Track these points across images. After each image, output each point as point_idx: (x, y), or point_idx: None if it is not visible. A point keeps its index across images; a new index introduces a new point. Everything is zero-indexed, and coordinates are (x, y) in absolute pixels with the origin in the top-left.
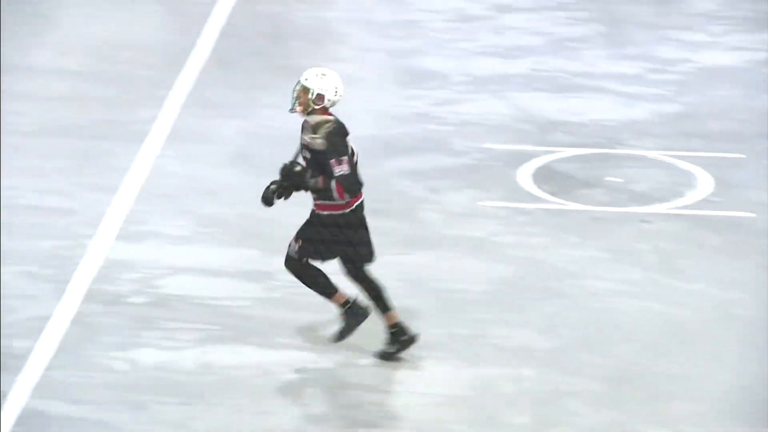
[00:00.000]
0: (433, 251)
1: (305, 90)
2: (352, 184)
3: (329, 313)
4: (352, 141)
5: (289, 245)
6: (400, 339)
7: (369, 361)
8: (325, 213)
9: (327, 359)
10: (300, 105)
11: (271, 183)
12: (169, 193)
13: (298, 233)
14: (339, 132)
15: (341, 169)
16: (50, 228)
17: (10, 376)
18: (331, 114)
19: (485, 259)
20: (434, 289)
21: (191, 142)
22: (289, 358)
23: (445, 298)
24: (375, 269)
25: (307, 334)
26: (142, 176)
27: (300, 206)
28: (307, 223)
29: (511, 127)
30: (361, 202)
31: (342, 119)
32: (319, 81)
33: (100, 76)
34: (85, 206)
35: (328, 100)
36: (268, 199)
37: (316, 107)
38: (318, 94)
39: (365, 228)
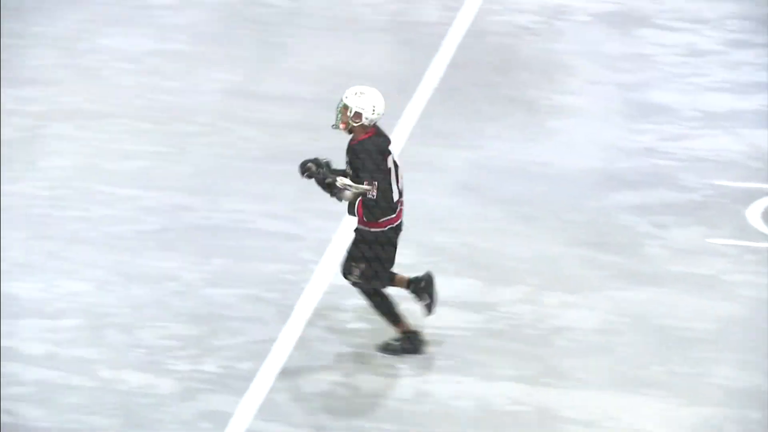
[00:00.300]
0: (657, 287)
1: (345, 107)
2: (374, 210)
3: (550, 347)
4: (394, 156)
5: (349, 271)
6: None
7: (587, 395)
8: (367, 229)
9: (545, 392)
10: (342, 122)
11: (315, 164)
12: None
13: (354, 257)
14: (377, 150)
15: (370, 194)
16: (277, 252)
17: (235, 398)
18: (373, 131)
19: (712, 297)
20: (657, 325)
21: (417, 171)
22: (508, 390)
23: (668, 335)
24: (596, 303)
25: (527, 366)
26: None
27: (515, 237)
28: (359, 244)
29: (743, 164)
30: (400, 224)
31: (566, 150)
32: (357, 99)
33: (329, 104)
34: (310, 232)
35: (366, 118)
36: (303, 174)
37: (355, 124)
38: (356, 112)
39: (394, 247)
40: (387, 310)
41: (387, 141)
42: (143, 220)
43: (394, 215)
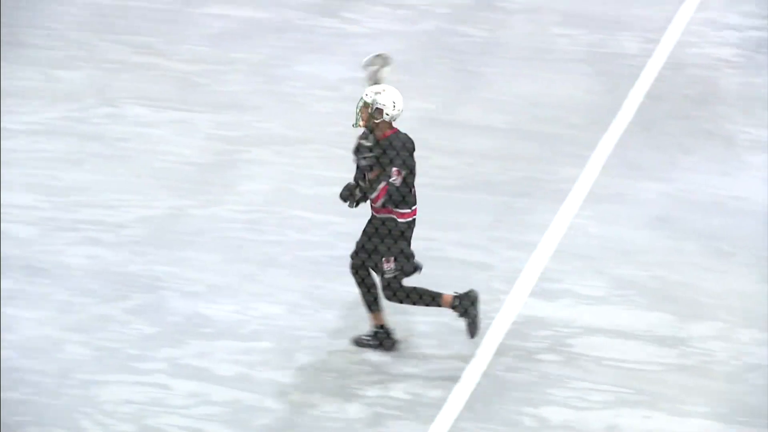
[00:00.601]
0: None
1: (366, 105)
2: (394, 197)
3: (744, 384)
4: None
5: (382, 274)
6: (382, 339)
7: None
8: (387, 216)
9: (738, 431)
10: (363, 120)
11: (357, 188)
12: (586, 253)
13: (385, 255)
14: (406, 145)
15: (396, 180)
16: (468, 281)
17: (422, 425)
18: (395, 128)
19: None
20: None
21: (611, 203)
22: (700, 427)
23: None
24: None
25: (719, 403)
26: (559, 235)
27: (709, 271)
28: (390, 239)
29: None
30: (413, 221)
31: (764, 185)
32: (379, 96)
33: (524, 133)
34: (502, 262)
35: (387, 114)
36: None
37: (376, 121)
38: (377, 109)
39: (407, 242)
40: (423, 302)
41: (412, 140)
42: (336, 246)
43: (409, 210)
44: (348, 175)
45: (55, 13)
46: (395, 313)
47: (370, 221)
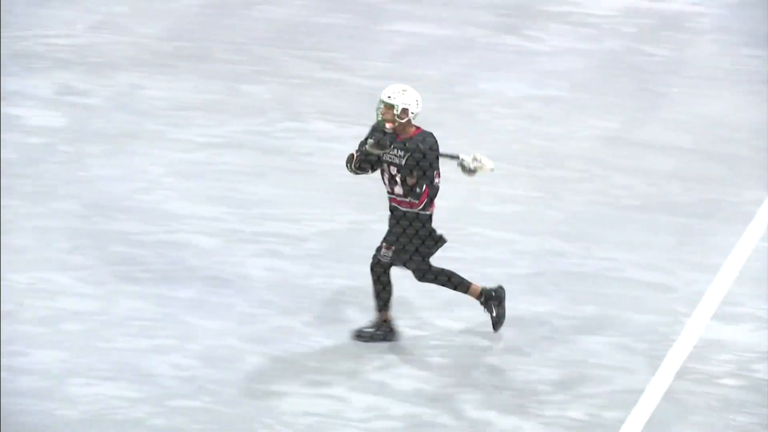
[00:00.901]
0: None
1: (390, 107)
2: (434, 197)
3: None
4: None
5: (378, 250)
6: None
7: None
8: (410, 210)
9: None
10: (388, 122)
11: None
12: None
13: (388, 239)
14: (435, 147)
15: (438, 181)
16: (648, 303)
17: None
18: (419, 127)
19: None
20: None
21: None
22: None
23: None
24: None
25: None
26: (743, 258)
27: None
28: (396, 228)
29: None
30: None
31: None
32: (402, 96)
33: (708, 154)
34: (683, 284)
35: (412, 113)
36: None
37: (402, 121)
38: (403, 109)
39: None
40: (380, 299)
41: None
42: (515, 264)
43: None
44: (527, 192)
45: (243, 28)
46: (575, 333)
47: (393, 216)
